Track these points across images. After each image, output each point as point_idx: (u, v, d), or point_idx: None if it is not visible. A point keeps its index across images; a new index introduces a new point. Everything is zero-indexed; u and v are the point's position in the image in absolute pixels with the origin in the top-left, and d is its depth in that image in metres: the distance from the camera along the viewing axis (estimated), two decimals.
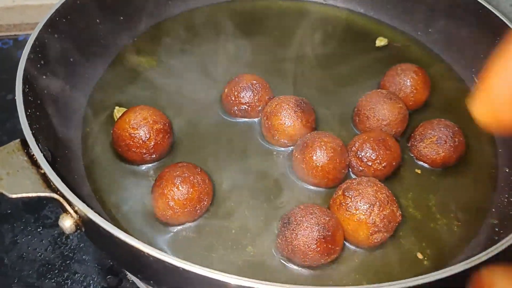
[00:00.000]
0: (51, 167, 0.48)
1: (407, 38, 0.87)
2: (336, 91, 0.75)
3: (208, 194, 0.57)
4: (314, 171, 0.59)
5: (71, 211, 0.47)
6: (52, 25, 0.64)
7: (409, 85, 0.70)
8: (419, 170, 0.65)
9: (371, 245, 0.55)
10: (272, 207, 0.59)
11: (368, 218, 0.53)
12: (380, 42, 0.83)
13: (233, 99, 0.67)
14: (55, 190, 0.47)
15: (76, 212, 0.46)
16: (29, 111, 0.54)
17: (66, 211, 0.47)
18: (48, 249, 0.68)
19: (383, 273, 0.55)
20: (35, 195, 0.47)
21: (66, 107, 0.64)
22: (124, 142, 0.60)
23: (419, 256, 0.56)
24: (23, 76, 0.56)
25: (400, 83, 0.70)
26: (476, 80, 0.77)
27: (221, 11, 0.89)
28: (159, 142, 0.61)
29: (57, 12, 0.65)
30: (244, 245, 0.56)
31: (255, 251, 0.55)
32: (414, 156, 0.66)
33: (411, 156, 0.67)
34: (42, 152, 0.49)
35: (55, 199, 0.47)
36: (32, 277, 0.65)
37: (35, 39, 0.61)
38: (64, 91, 0.65)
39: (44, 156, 0.49)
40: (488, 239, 0.56)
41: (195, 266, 0.40)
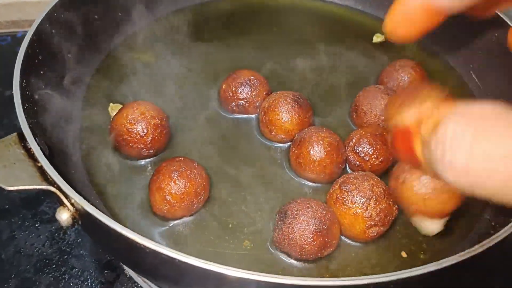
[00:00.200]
0: (48, 161, 0.48)
1: None
2: (333, 87, 0.75)
3: (205, 189, 0.57)
4: (311, 166, 0.59)
5: (68, 204, 0.47)
6: (50, 21, 0.64)
7: (406, 80, 0.70)
8: None
9: (368, 238, 0.55)
10: (269, 202, 0.60)
11: (364, 212, 0.53)
12: (377, 38, 0.83)
13: (230, 94, 0.67)
14: (52, 183, 0.47)
15: (72, 205, 0.46)
16: (26, 106, 0.54)
17: (63, 204, 0.47)
18: (46, 244, 0.68)
19: (379, 266, 0.55)
20: (32, 187, 0.47)
21: (63, 102, 0.64)
22: (122, 137, 0.60)
23: (415, 250, 0.57)
24: (20, 70, 0.56)
25: (398, 78, 0.70)
26: (474, 76, 0.77)
27: (218, 7, 0.89)
28: (156, 137, 0.61)
29: (54, 8, 0.66)
30: (241, 239, 0.56)
31: (252, 245, 0.55)
32: None
33: None
34: (39, 145, 0.50)
35: (52, 192, 0.47)
36: (29, 272, 0.65)
37: (32, 35, 0.61)
38: (61, 86, 0.65)
39: (41, 149, 0.49)
40: (485, 233, 0.56)
41: (191, 257, 0.40)
